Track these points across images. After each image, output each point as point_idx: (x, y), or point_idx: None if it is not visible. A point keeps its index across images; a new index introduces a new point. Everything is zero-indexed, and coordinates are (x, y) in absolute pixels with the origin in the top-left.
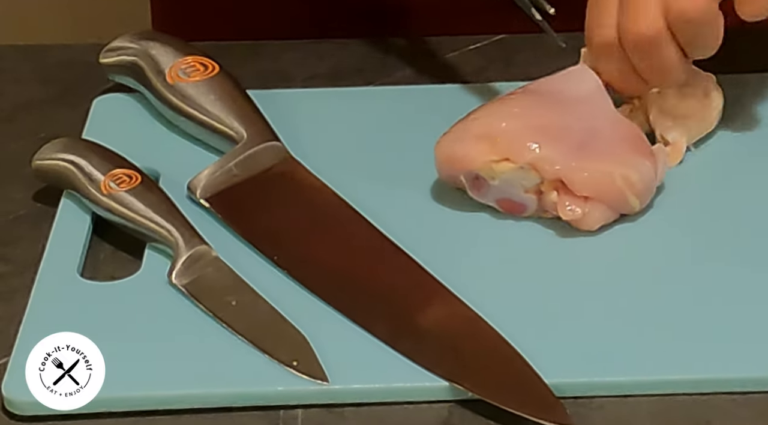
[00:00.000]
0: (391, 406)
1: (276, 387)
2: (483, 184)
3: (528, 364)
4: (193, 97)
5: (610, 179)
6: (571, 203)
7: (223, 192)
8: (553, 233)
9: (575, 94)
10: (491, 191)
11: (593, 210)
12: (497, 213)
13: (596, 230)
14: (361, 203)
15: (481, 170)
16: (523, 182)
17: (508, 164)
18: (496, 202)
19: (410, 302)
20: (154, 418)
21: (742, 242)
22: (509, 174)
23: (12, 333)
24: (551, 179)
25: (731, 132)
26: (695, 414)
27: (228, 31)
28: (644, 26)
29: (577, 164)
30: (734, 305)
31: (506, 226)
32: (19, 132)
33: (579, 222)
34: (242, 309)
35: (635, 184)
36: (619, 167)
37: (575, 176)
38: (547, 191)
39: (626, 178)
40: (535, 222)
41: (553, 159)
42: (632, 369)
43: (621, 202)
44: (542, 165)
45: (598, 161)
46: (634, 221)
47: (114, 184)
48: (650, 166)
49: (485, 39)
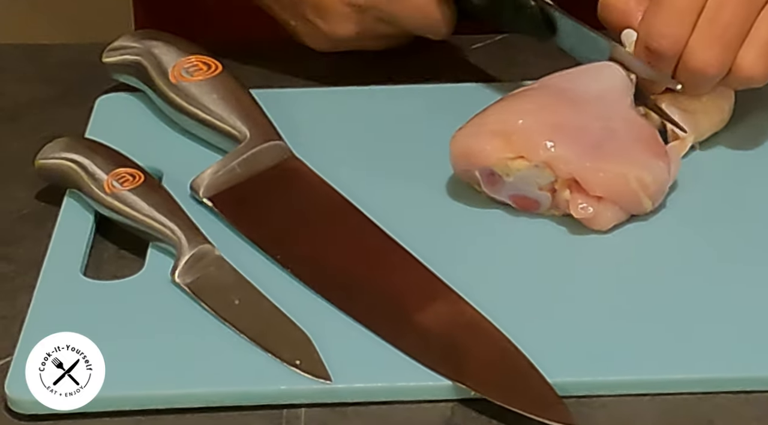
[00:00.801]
0: (394, 405)
1: (279, 386)
2: (497, 180)
3: (531, 363)
4: (196, 97)
5: (625, 180)
6: (584, 201)
7: (226, 191)
8: (564, 231)
9: (592, 92)
10: (505, 188)
11: (606, 210)
12: (510, 209)
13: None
14: (363, 201)
15: (496, 166)
16: (537, 180)
17: (523, 162)
18: (510, 198)
19: (413, 301)
20: (157, 417)
21: (748, 242)
22: (524, 171)
23: (15, 332)
24: (565, 178)
25: (742, 130)
26: (698, 413)
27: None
28: (710, 71)
29: (592, 165)
30: (738, 304)
31: (518, 222)
32: (22, 131)
33: (591, 222)
34: (245, 308)
35: (649, 186)
36: (633, 168)
37: (590, 176)
38: (560, 188)
39: (641, 180)
40: (547, 219)
41: (567, 159)
42: (635, 368)
43: (634, 203)
44: (557, 164)
45: (612, 162)
46: (645, 219)
47: (117, 183)
48: (664, 167)
49: (487, 39)
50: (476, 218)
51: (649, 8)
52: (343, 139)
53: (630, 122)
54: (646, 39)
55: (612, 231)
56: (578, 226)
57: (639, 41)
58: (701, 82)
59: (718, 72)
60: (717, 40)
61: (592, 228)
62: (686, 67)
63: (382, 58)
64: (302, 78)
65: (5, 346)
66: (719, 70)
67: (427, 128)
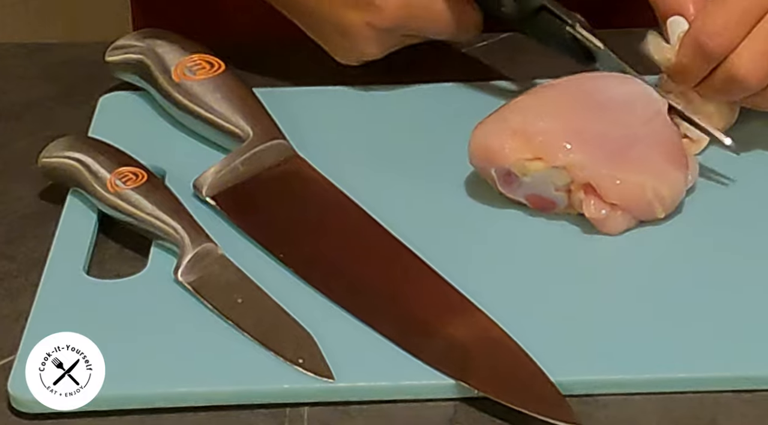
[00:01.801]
0: (397, 404)
1: (282, 384)
2: (514, 180)
3: (534, 362)
4: (198, 96)
5: (641, 190)
6: (597, 203)
7: (229, 190)
8: (576, 232)
9: (617, 97)
10: (522, 187)
11: (618, 216)
12: (525, 208)
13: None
14: (365, 199)
15: (514, 166)
16: (554, 181)
17: (540, 163)
18: (526, 197)
19: (416, 300)
20: (160, 416)
21: (753, 243)
22: (541, 173)
23: (18, 331)
24: (581, 182)
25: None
26: (701, 412)
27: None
28: (752, 82)
29: (609, 172)
30: (741, 304)
31: (532, 222)
32: (25, 130)
33: (602, 225)
34: (248, 307)
35: (665, 197)
36: (650, 178)
37: (606, 183)
38: (576, 190)
39: (657, 190)
40: (561, 219)
41: (585, 164)
42: (638, 367)
43: (648, 212)
44: (574, 169)
45: (630, 171)
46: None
47: (120, 182)
48: (682, 178)
49: (490, 38)
50: (486, 217)
51: (710, 5)
52: (345, 137)
53: (653, 128)
54: (699, 34)
55: (622, 233)
56: (590, 227)
57: (689, 33)
58: (736, 91)
59: (758, 85)
60: (766, 54)
61: (603, 232)
62: (728, 72)
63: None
64: (305, 77)
65: (8, 345)
66: (759, 83)
67: (430, 127)
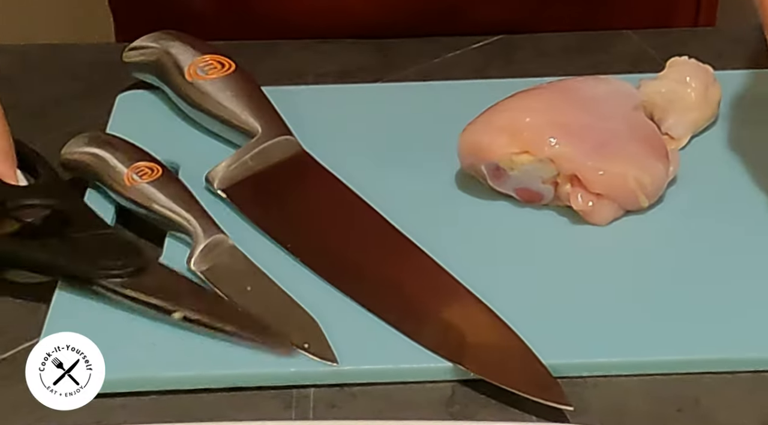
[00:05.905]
0: (398, 385)
1: (289, 368)
2: (502, 174)
3: (527, 346)
4: (210, 94)
5: (624, 180)
6: (583, 195)
7: (239, 183)
8: (564, 222)
9: (599, 93)
10: (510, 181)
11: (604, 206)
12: (514, 201)
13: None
14: (369, 192)
15: (501, 160)
16: (541, 173)
17: (527, 156)
18: (515, 191)
19: (415, 288)
20: (174, 396)
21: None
22: (528, 165)
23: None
24: (567, 174)
25: (734, 124)
26: (685, 392)
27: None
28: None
29: (593, 164)
30: (723, 290)
31: (521, 214)
32: (48, 126)
33: (589, 216)
34: (257, 294)
35: (647, 186)
36: (633, 169)
37: (590, 174)
38: (562, 182)
39: (639, 180)
40: (549, 210)
41: (570, 156)
42: (625, 350)
43: (632, 201)
44: (560, 160)
45: (613, 162)
46: (641, 211)
47: (136, 176)
48: (663, 168)
49: (486, 38)
50: (481, 209)
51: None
52: (349, 134)
53: (633, 123)
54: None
55: (609, 224)
56: (578, 217)
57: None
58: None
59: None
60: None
61: (590, 222)
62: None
63: (387, 56)
64: (311, 76)
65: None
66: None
67: (431, 125)
